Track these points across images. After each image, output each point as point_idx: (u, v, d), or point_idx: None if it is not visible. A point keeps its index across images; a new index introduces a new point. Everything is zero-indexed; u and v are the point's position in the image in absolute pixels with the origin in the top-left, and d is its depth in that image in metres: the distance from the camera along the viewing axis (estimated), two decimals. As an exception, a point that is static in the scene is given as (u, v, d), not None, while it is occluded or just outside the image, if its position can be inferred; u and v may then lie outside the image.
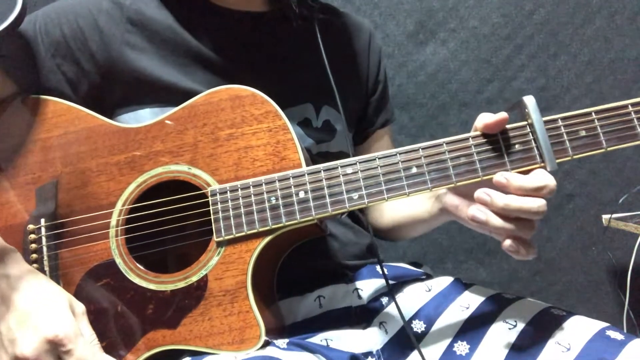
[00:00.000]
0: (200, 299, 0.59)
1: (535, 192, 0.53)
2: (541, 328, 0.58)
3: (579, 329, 0.57)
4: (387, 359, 0.66)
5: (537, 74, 1.29)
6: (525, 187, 0.53)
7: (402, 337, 0.66)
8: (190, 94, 0.66)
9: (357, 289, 0.71)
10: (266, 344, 0.58)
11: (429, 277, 0.77)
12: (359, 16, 0.91)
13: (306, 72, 0.76)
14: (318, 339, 0.67)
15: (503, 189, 0.54)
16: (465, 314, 0.64)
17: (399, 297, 0.72)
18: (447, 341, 0.63)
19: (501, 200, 0.53)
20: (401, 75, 1.30)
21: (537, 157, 0.56)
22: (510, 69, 1.29)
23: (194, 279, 0.60)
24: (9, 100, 0.69)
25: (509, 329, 0.60)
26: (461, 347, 0.61)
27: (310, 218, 0.58)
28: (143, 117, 0.69)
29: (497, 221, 0.54)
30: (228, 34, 0.74)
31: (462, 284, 0.72)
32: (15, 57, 0.69)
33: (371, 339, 0.69)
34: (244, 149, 0.62)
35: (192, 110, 0.64)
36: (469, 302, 0.66)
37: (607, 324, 0.58)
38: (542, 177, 0.53)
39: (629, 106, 0.57)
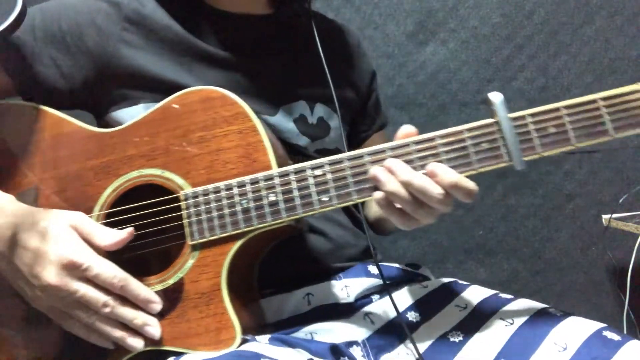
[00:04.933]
0: (178, 301, 0.60)
1: (464, 191, 0.54)
2: (538, 327, 0.59)
3: (576, 329, 0.57)
4: (373, 348, 0.66)
5: (537, 74, 1.29)
6: (459, 185, 0.54)
7: (392, 328, 0.67)
8: (183, 88, 0.66)
9: (346, 287, 0.71)
10: (244, 342, 0.59)
11: (425, 279, 0.77)
12: (347, 24, 0.93)
13: (300, 70, 0.78)
14: (303, 333, 0.67)
15: (434, 179, 0.55)
16: (462, 314, 0.65)
17: (395, 294, 0.72)
18: (442, 332, 0.63)
19: (406, 174, 0.55)
20: (401, 75, 1.30)
21: (505, 155, 0.56)
22: (510, 69, 1.29)
23: (170, 282, 0.60)
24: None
25: (505, 326, 0.60)
26: (455, 336, 0.62)
27: (281, 220, 0.59)
28: (138, 113, 0.69)
29: (394, 186, 0.55)
30: (225, 34, 0.76)
31: (459, 285, 0.72)
32: (11, 50, 0.69)
33: (355, 328, 0.68)
34: (216, 151, 0.62)
35: (164, 113, 0.64)
36: (466, 303, 0.67)
37: (604, 325, 0.58)
38: (471, 182, 0.55)
39: (599, 100, 0.55)
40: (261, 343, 0.60)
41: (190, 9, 0.75)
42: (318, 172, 0.58)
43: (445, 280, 0.74)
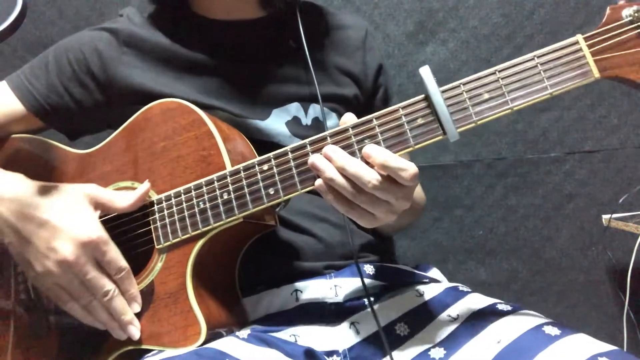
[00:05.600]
0: (150, 302, 0.63)
1: (396, 172, 0.53)
2: (526, 349, 0.54)
3: (567, 354, 0.53)
4: (353, 359, 0.66)
5: (537, 74, 1.29)
6: (388, 165, 0.53)
7: (377, 340, 0.66)
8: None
9: (335, 286, 0.71)
10: (216, 336, 0.61)
11: (433, 281, 0.76)
12: (356, 16, 0.91)
13: (293, 71, 0.79)
14: (287, 334, 0.67)
15: (368, 161, 0.55)
16: (451, 327, 0.63)
17: (389, 299, 0.72)
18: (426, 347, 0.62)
19: (340, 160, 0.54)
20: (401, 75, 1.30)
21: (439, 128, 0.55)
22: (510, 69, 1.29)
23: (142, 285, 0.64)
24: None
25: (492, 344, 0.57)
26: (436, 352, 0.60)
27: (235, 217, 0.61)
28: None
29: (331, 173, 0.55)
30: (215, 42, 0.78)
31: (458, 292, 0.71)
32: (30, 87, 0.78)
33: (339, 337, 0.68)
34: (176, 158, 0.65)
35: (131, 129, 0.70)
36: (458, 313, 0.65)
37: (601, 349, 0.52)
38: (405, 161, 0.54)
39: (535, 58, 0.54)
40: (237, 339, 0.61)
41: (181, 22, 0.79)
42: (265, 166, 0.60)
43: (446, 285, 0.73)
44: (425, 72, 0.56)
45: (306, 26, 0.77)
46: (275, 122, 0.75)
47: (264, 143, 0.74)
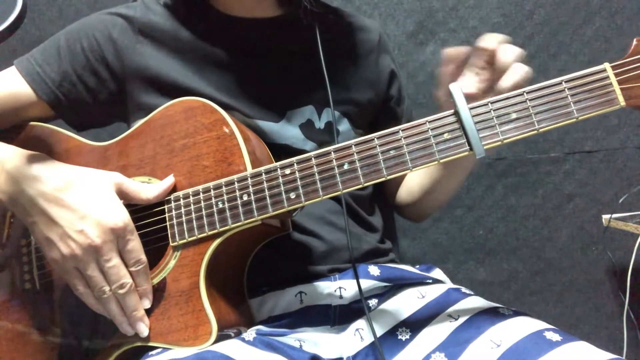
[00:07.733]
0: (161, 299, 0.63)
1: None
2: (527, 353, 0.54)
3: None
4: None
5: (537, 74, 1.27)
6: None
7: (382, 346, 0.66)
8: (196, 94, 0.68)
9: (340, 288, 0.71)
10: (225, 337, 0.60)
11: (437, 282, 0.76)
12: (370, 19, 0.91)
13: (309, 74, 0.78)
14: (292, 339, 0.67)
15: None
16: (452, 326, 0.63)
17: (392, 300, 0.72)
18: (427, 352, 0.61)
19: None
20: (401, 75, 1.30)
21: (465, 144, 0.56)
22: (510, 69, 1.29)
23: (155, 281, 0.64)
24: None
25: (492, 348, 0.57)
26: (437, 358, 0.60)
27: (253, 219, 0.60)
28: None
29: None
30: (234, 39, 0.77)
31: (460, 293, 0.70)
32: (42, 74, 0.76)
33: (344, 344, 0.68)
34: (196, 157, 0.65)
35: (150, 125, 0.69)
36: (459, 314, 0.65)
37: (602, 358, 0.51)
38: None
39: (563, 83, 0.55)
40: (242, 342, 0.61)
41: (200, 16, 0.77)
42: (287, 170, 0.60)
43: (449, 286, 0.73)
44: (455, 88, 0.57)
45: (323, 28, 0.77)
46: (290, 125, 0.75)
47: (277, 145, 0.73)
